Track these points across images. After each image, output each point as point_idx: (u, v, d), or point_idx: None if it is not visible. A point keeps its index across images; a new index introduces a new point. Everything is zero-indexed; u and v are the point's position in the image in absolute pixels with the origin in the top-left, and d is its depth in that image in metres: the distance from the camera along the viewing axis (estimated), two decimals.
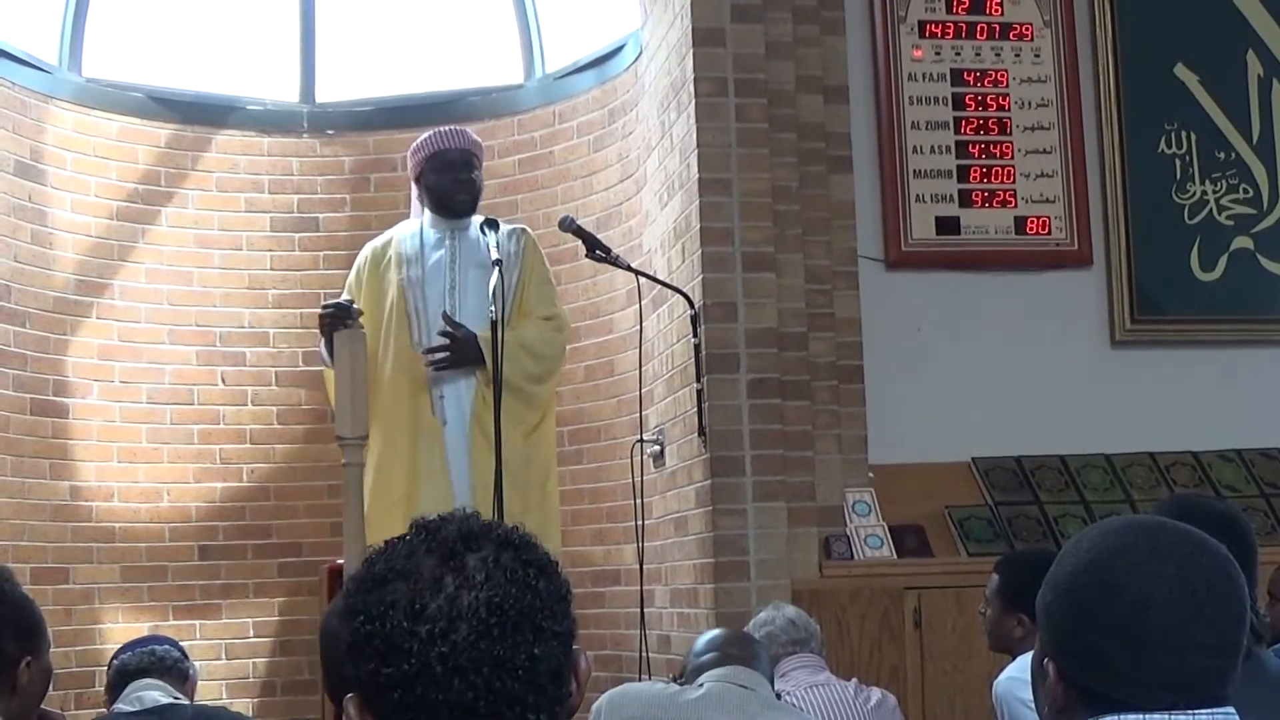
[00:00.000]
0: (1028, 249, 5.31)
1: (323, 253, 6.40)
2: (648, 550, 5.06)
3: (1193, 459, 5.31)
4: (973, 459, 5.19)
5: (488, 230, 4.91)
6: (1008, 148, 5.32)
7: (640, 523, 5.03)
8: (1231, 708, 1.57)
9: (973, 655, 4.56)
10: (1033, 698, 1.73)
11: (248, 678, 6.16)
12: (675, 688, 2.95)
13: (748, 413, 4.79)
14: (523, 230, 5.24)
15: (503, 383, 4.62)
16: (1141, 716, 1.55)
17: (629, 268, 5.10)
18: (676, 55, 5.12)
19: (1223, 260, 5.49)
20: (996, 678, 3.48)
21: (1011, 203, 5.30)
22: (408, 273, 5.07)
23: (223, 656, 6.09)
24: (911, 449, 5.10)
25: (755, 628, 3.76)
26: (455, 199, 5.12)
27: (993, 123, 5.32)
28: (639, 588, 4.99)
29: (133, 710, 3.45)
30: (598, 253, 5.00)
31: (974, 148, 5.30)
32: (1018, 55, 5.38)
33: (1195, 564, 1.58)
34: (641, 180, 5.70)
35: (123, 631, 5.68)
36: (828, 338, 4.99)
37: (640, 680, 4.66)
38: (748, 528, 4.73)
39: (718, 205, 4.88)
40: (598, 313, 5.93)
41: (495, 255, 4.76)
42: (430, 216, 5.18)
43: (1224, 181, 5.52)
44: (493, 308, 4.62)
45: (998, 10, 5.38)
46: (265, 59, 6.71)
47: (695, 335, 4.84)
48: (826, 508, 4.89)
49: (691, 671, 3.03)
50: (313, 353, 6.27)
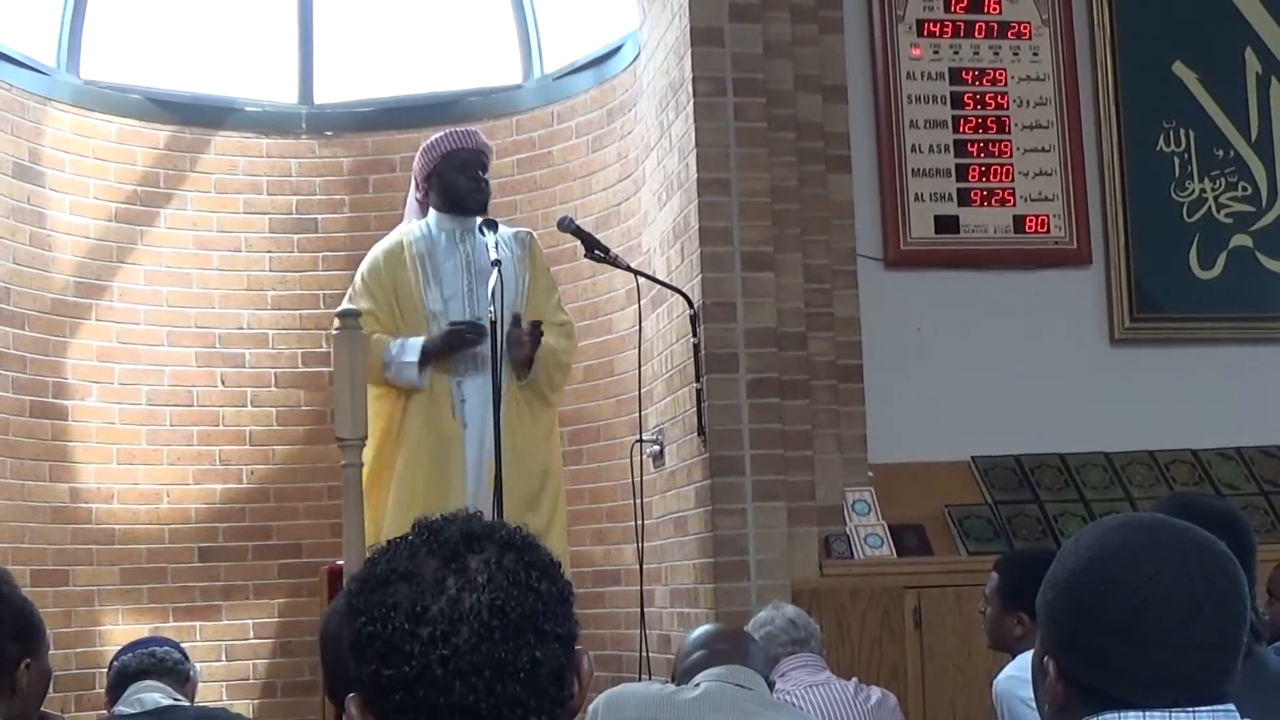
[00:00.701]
0: (1027, 248, 5.31)
1: (321, 254, 6.40)
2: (648, 550, 5.06)
3: (1192, 457, 5.31)
4: (972, 458, 5.19)
5: (486, 231, 4.90)
6: (1006, 146, 5.32)
7: (640, 522, 5.03)
8: (1231, 705, 1.57)
9: (973, 654, 4.56)
10: (1033, 696, 1.72)
11: (248, 679, 6.16)
12: (672, 688, 2.95)
13: (747, 412, 4.79)
14: (529, 234, 5.22)
15: (501, 385, 4.62)
16: (1142, 714, 1.54)
17: (628, 268, 5.10)
18: (675, 55, 5.12)
19: (1222, 258, 5.49)
20: (997, 676, 3.48)
21: (1010, 201, 5.30)
22: (426, 274, 5.01)
23: (223, 658, 6.09)
24: (911, 448, 5.10)
25: (755, 627, 3.76)
26: (472, 198, 5.05)
27: (991, 121, 5.33)
28: (639, 587, 4.99)
29: (133, 712, 3.44)
30: (597, 253, 5.00)
31: (973, 146, 5.31)
32: (1016, 54, 5.38)
33: (1195, 562, 1.58)
34: (640, 180, 5.70)
35: (123, 633, 5.68)
36: (827, 337, 4.99)
37: (640, 680, 4.66)
38: (747, 527, 4.73)
39: (716, 205, 4.88)
40: (597, 313, 5.93)
41: (494, 256, 4.75)
42: (439, 217, 5.10)
43: (1223, 179, 5.52)
44: (492, 308, 4.62)
45: (996, 9, 5.38)
46: (263, 60, 6.71)
47: (694, 335, 4.84)
48: (826, 507, 4.89)
49: (683, 672, 3.02)
50: (311, 353, 6.29)
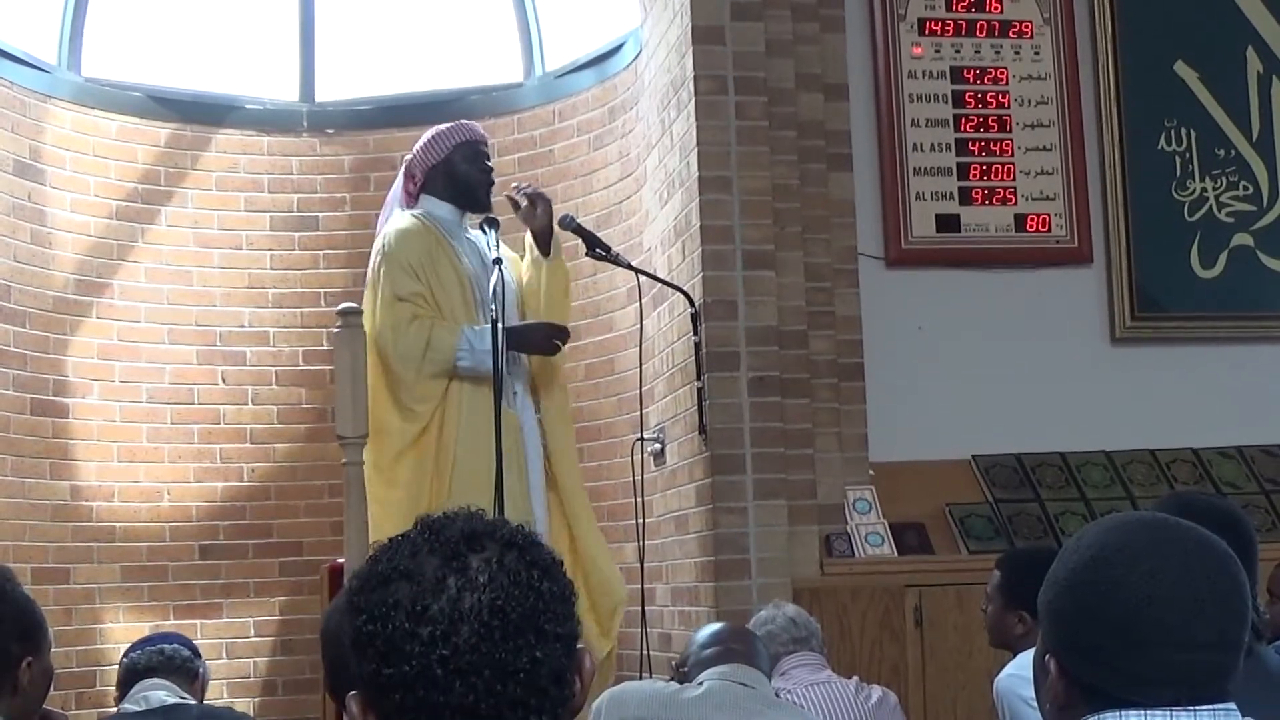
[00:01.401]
0: (1028, 246, 5.31)
1: (323, 252, 6.40)
2: (648, 548, 5.06)
3: (1193, 456, 5.31)
4: (973, 456, 5.19)
5: (488, 229, 4.89)
6: (1008, 145, 5.32)
7: (641, 521, 5.03)
8: (1233, 704, 1.57)
9: (974, 653, 4.56)
10: (1034, 695, 1.72)
11: (249, 677, 6.16)
12: (675, 686, 2.96)
13: (748, 410, 4.79)
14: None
15: (503, 386, 4.60)
16: (1143, 713, 1.54)
17: (629, 266, 5.10)
18: (676, 53, 5.12)
19: (1223, 257, 5.49)
20: (998, 675, 3.48)
21: (1011, 200, 5.30)
22: (466, 263, 4.90)
23: (224, 656, 6.09)
24: (912, 446, 5.10)
25: (756, 626, 3.76)
26: (483, 190, 5.00)
27: (992, 120, 5.32)
28: (640, 586, 4.99)
29: (138, 710, 3.45)
30: (598, 251, 5.00)
31: (974, 145, 5.30)
32: (1017, 53, 5.37)
33: (1196, 561, 1.58)
34: (641, 178, 5.70)
35: (123, 631, 5.69)
36: (828, 335, 4.99)
37: (641, 679, 4.66)
38: (748, 526, 4.73)
39: (718, 203, 4.88)
40: (598, 311, 5.93)
41: (495, 254, 4.74)
42: (439, 205, 5.00)
43: (1224, 178, 5.52)
44: (493, 306, 4.61)
45: (997, 8, 5.38)
46: (265, 58, 6.71)
47: (695, 333, 4.84)
48: (827, 505, 4.89)
49: (694, 665, 3.03)
50: (312, 351, 6.29)
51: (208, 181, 6.35)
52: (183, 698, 3.55)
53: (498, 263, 4.67)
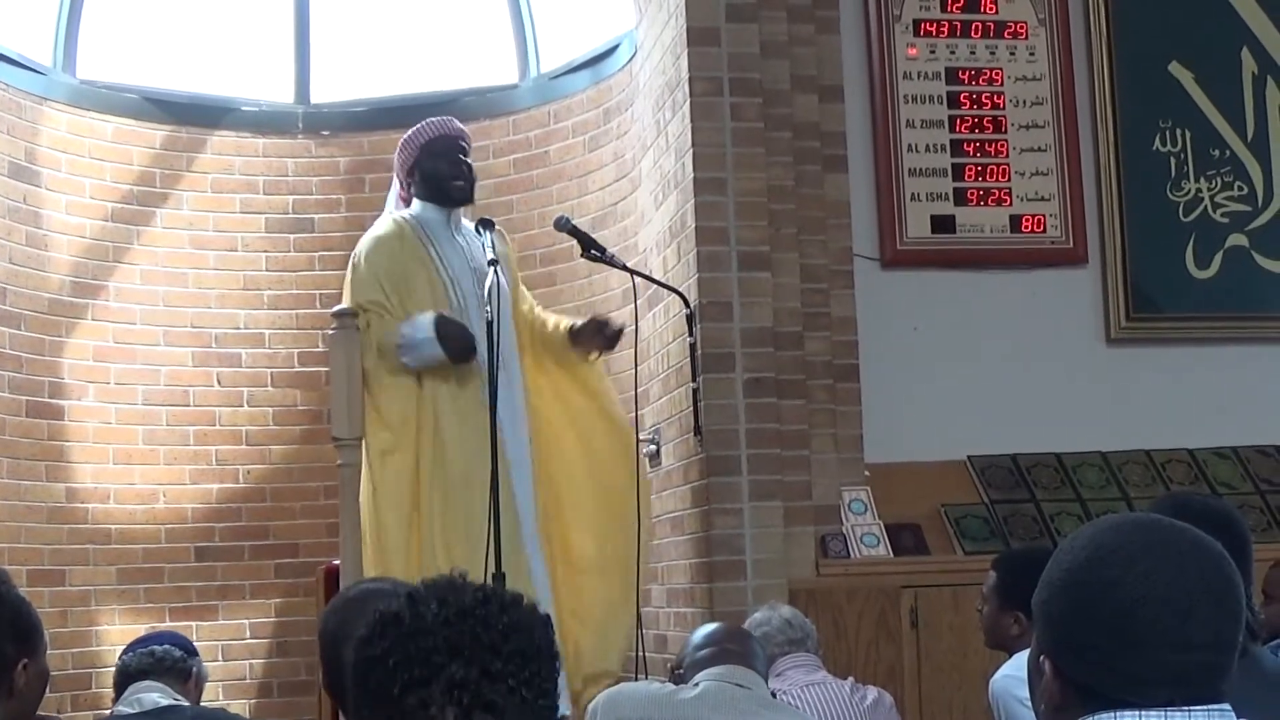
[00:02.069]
0: (1023, 247, 5.31)
1: (318, 253, 6.40)
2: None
3: (1189, 456, 5.32)
4: (969, 457, 5.19)
5: (483, 230, 4.86)
6: (1003, 146, 5.33)
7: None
8: (1227, 705, 1.57)
9: (969, 653, 4.56)
10: (1029, 695, 1.73)
11: (245, 679, 6.16)
12: (671, 687, 2.95)
13: (744, 412, 4.79)
14: (500, 230, 5.15)
15: (498, 386, 4.57)
16: (1138, 714, 1.54)
17: (624, 267, 5.10)
18: (671, 55, 5.12)
19: (1218, 258, 5.50)
20: (993, 676, 3.48)
21: (1007, 201, 5.30)
22: (447, 265, 4.84)
23: (220, 657, 6.09)
24: (907, 447, 5.10)
25: (751, 627, 3.76)
26: (454, 184, 4.89)
27: (987, 121, 5.33)
28: (636, 587, 4.98)
29: (131, 713, 3.44)
30: (593, 252, 4.99)
31: (969, 146, 5.31)
32: (1012, 54, 5.38)
33: (1191, 561, 1.58)
34: (637, 180, 5.70)
35: (119, 633, 5.69)
36: (823, 337, 4.99)
37: (636, 680, 4.66)
38: (744, 527, 4.73)
39: (713, 204, 4.88)
40: (593, 312, 5.92)
41: (490, 255, 4.72)
42: (425, 208, 4.92)
43: (1219, 179, 5.52)
44: (488, 308, 4.59)
45: (992, 9, 5.38)
46: (260, 60, 6.71)
47: (691, 334, 4.84)
48: (823, 506, 4.89)
49: (689, 666, 3.03)
50: (307, 353, 6.29)
51: (203, 183, 6.35)
52: (176, 699, 3.55)
53: (494, 264, 4.64)
